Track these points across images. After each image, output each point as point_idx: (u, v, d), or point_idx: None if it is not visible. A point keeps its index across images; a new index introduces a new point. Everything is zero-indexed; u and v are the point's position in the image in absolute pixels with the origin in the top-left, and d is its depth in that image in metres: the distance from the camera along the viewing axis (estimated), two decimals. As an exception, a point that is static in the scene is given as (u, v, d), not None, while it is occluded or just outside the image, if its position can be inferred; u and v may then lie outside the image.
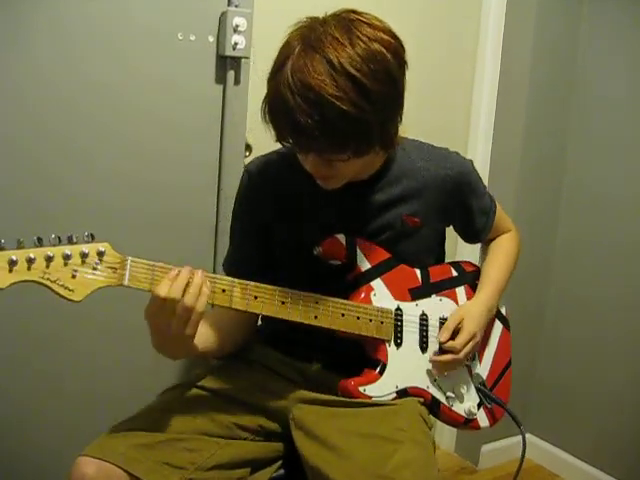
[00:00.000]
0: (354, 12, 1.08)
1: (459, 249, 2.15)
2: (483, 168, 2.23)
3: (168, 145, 1.62)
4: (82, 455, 1.07)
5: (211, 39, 1.62)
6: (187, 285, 1.04)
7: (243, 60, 1.65)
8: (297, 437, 1.21)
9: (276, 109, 1.05)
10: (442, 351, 1.26)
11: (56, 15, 1.45)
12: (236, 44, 1.60)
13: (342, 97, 0.99)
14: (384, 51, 1.04)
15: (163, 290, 1.02)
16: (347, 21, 1.05)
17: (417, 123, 1.93)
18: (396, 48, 1.07)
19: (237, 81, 1.65)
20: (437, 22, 2.12)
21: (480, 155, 2.24)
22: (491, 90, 2.21)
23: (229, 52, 1.60)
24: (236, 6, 1.60)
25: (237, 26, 1.59)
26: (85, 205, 1.54)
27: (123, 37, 1.52)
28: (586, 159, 2.22)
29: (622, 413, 2.15)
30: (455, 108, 2.24)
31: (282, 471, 1.27)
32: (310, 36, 1.03)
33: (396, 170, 1.25)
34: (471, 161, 1.34)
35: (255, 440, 1.23)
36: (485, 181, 2.17)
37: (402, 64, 1.09)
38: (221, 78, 1.65)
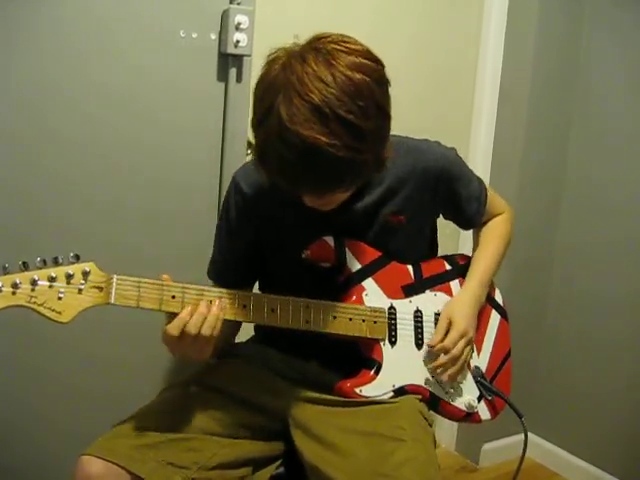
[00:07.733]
0: (329, 38, 1.02)
1: (461, 240, 2.17)
2: (485, 164, 2.24)
3: (169, 143, 1.62)
4: (86, 454, 1.07)
5: (213, 37, 1.61)
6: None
7: (245, 58, 1.64)
8: (296, 436, 1.21)
9: (268, 159, 1.02)
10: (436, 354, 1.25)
11: (57, 13, 1.44)
12: (238, 42, 1.59)
13: (337, 144, 0.95)
14: (368, 80, 0.99)
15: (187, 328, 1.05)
16: (326, 53, 0.99)
17: (419, 119, 1.94)
18: (378, 72, 1.03)
19: (239, 79, 1.65)
20: (439, 18, 2.12)
21: (482, 151, 2.24)
22: (493, 89, 2.20)
23: (231, 50, 1.60)
24: (238, 3, 1.60)
25: (239, 24, 1.59)
26: (85, 203, 1.54)
27: (125, 35, 1.52)
28: (588, 157, 2.22)
29: (623, 412, 2.15)
30: (456, 107, 2.24)
31: (282, 469, 1.27)
32: (291, 78, 0.97)
33: None
34: (453, 149, 1.31)
35: (256, 439, 1.23)
36: (487, 177, 2.20)
37: (386, 87, 1.04)
38: (223, 76, 1.64)
